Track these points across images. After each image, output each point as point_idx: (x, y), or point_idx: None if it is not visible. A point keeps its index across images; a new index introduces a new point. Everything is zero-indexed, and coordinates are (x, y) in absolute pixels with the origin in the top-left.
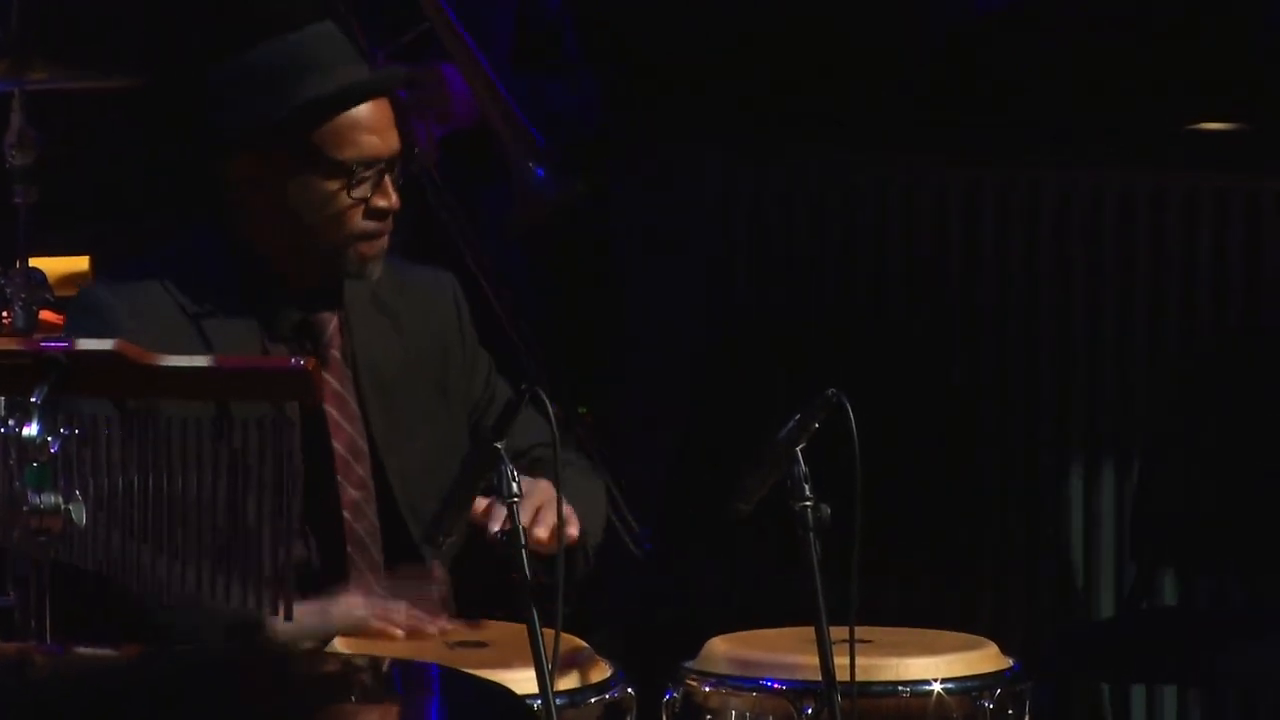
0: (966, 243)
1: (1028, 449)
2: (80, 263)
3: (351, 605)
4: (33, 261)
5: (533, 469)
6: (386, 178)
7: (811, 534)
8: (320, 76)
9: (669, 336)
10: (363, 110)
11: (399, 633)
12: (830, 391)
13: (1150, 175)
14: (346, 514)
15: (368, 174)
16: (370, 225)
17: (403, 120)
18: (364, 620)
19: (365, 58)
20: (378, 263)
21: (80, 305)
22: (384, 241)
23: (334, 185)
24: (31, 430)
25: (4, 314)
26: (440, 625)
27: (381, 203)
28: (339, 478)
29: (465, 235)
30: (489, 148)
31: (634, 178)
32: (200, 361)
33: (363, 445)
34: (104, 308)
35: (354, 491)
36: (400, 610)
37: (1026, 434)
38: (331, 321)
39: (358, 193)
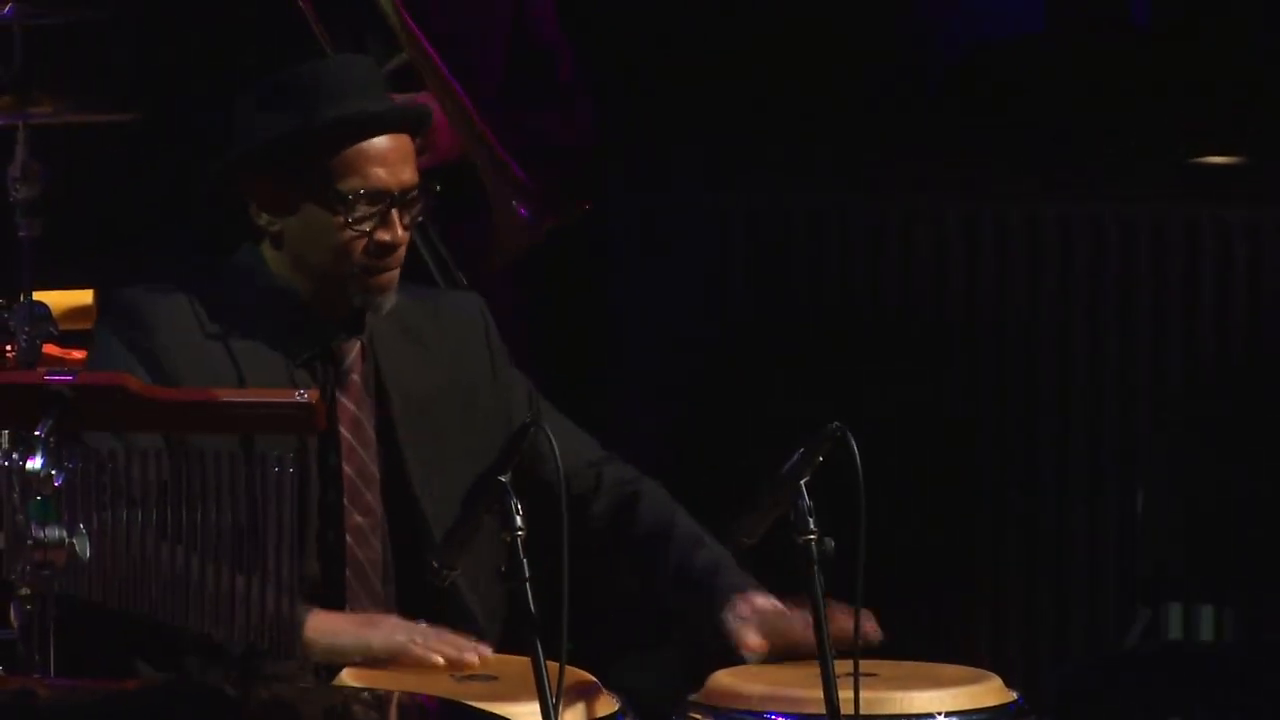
0: (966, 272)
1: (1027, 477)
2: (85, 296)
3: (393, 628)
4: (37, 295)
5: (635, 501)
6: (394, 212)
7: (816, 568)
8: (344, 101)
9: (665, 343)
10: (377, 142)
11: (439, 660)
12: (834, 425)
13: (1150, 206)
14: (349, 539)
15: (371, 208)
16: (371, 260)
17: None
18: (404, 646)
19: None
20: (387, 295)
21: (115, 308)
22: (391, 276)
23: (335, 216)
24: (35, 464)
25: (8, 347)
26: (482, 651)
27: (384, 237)
28: (345, 502)
29: (446, 266)
30: (469, 181)
31: (631, 184)
32: (203, 394)
33: (374, 472)
34: (141, 312)
35: (359, 518)
36: (443, 638)
37: (1026, 462)
38: (354, 348)
39: (358, 225)
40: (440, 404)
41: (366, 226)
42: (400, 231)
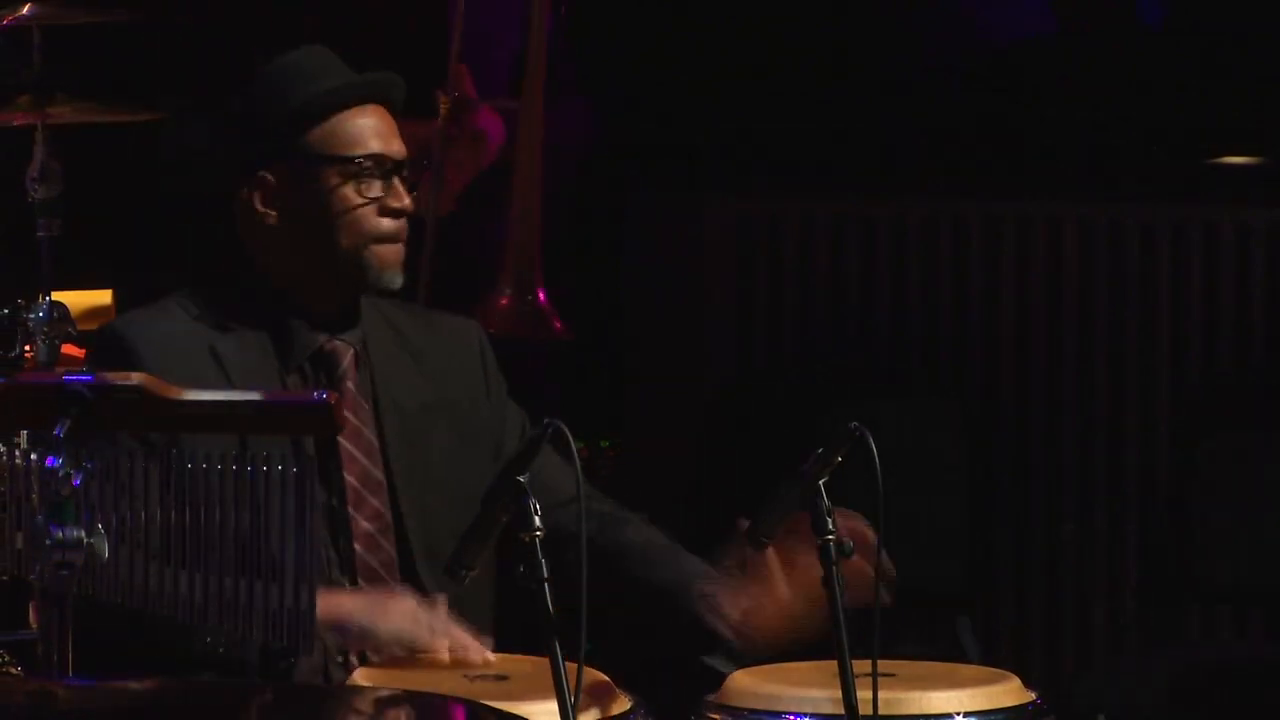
0: (986, 275)
1: (1048, 478)
2: (103, 296)
3: (402, 615)
4: (55, 295)
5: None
6: (396, 179)
7: (835, 569)
8: (320, 79)
9: (676, 346)
10: (365, 114)
11: (445, 655)
12: (853, 425)
13: (1171, 209)
14: (358, 546)
15: (376, 171)
16: (386, 225)
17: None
18: (411, 635)
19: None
20: (397, 271)
21: (100, 343)
22: (401, 248)
23: (345, 185)
24: (54, 464)
25: (27, 347)
26: (485, 655)
27: (394, 203)
28: (350, 510)
29: None
30: None
31: (645, 187)
32: (222, 395)
33: (380, 478)
34: (124, 345)
35: (366, 524)
36: (453, 632)
37: (1047, 463)
38: (348, 353)
39: (369, 191)
40: (425, 417)
41: (378, 191)
42: (406, 199)
